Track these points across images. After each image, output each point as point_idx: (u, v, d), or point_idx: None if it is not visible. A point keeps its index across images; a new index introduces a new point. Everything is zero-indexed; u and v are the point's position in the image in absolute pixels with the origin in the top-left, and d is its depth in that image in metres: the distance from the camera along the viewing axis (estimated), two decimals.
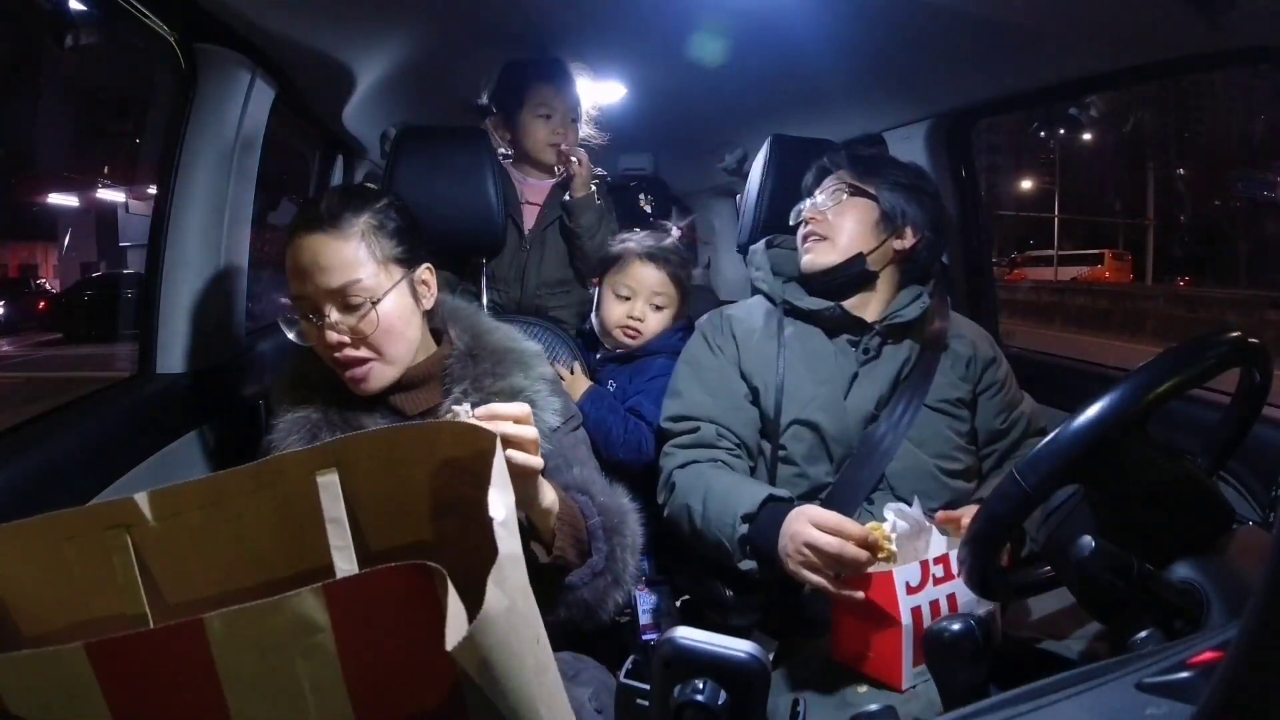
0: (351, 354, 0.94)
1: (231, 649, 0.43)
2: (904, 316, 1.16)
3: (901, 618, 0.89)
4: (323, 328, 0.93)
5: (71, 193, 15.16)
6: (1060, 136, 21.86)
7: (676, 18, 1.43)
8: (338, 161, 2.36)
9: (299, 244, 0.93)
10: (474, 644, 0.41)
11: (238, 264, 1.36)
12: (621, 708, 0.66)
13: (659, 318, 1.47)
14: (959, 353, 1.19)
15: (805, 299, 1.20)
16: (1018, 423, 1.19)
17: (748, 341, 1.20)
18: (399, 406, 0.99)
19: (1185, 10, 1.04)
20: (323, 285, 0.92)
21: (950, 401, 1.16)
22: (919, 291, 1.19)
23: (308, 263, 0.92)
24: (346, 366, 0.95)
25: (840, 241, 1.18)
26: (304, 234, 0.92)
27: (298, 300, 0.95)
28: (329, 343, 0.93)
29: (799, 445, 1.14)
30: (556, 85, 1.64)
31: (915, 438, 1.12)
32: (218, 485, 0.56)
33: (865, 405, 1.14)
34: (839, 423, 1.13)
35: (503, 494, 0.51)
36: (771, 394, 1.16)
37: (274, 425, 0.96)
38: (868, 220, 1.18)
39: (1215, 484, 0.81)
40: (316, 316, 0.93)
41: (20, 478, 0.86)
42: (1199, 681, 0.44)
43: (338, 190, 1.15)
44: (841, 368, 1.16)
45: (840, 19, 1.33)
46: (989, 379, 1.20)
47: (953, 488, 1.13)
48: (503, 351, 1.01)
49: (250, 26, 1.22)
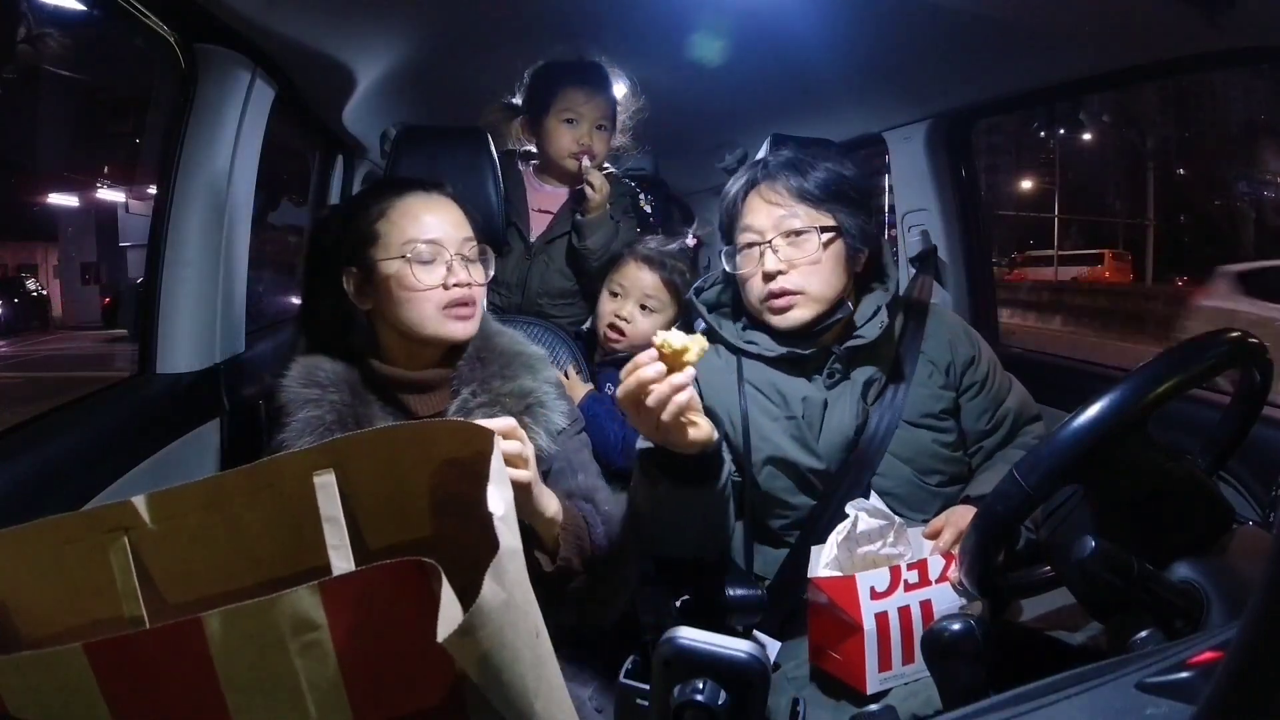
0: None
1: (229, 647, 0.44)
2: (864, 338, 1.07)
3: (864, 622, 0.89)
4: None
5: (71, 193, 15.16)
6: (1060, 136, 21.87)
7: (676, 18, 1.43)
8: (338, 161, 2.36)
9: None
10: (469, 636, 0.41)
11: (238, 264, 1.37)
12: (621, 708, 0.66)
13: (648, 321, 1.46)
14: (936, 361, 1.12)
15: (776, 347, 1.09)
16: (1004, 420, 1.15)
17: (709, 379, 1.10)
18: (411, 407, 0.99)
19: (1185, 10, 1.04)
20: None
21: (933, 415, 1.10)
22: (877, 305, 1.09)
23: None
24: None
25: (817, 291, 1.05)
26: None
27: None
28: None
29: (777, 482, 1.08)
30: (588, 90, 1.57)
31: (897, 452, 1.07)
32: (216, 487, 0.56)
33: (844, 431, 1.07)
34: (815, 456, 1.07)
35: (501, 490, 0.51)
36: (739, 434, 1.08)
37: (286, 424, 0.95)
38: (840, 260, 1.06)
39: (1215, 484, 0.81)
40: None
41: (21, 478, 0.86)
42: (1199, 681, 0.44)
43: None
44: (810, 399, 1.08)
45: (840, 19, 1.33)
46: (969, 380, 1.14)
47: (944, 494, 1.10)
48: (511, 354, 1.02)
49: (250, 26, 1.22)
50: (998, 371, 1.18)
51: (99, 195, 15.28)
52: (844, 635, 0.91)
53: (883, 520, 0.97)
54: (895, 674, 0.90)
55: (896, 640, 0.90)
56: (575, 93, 1.57)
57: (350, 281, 0.99)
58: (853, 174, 1.10)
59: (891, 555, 0.96)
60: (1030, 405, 1.20)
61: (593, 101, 1.58)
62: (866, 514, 0.97)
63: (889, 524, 0.97)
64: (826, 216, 1.06)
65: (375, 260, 0.97)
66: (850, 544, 0.96)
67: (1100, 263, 18.98)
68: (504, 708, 0.45)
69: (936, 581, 0.92)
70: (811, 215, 1.06)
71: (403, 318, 0.97)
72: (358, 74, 1.60)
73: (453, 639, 0.40)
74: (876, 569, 0.92)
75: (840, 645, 0.93)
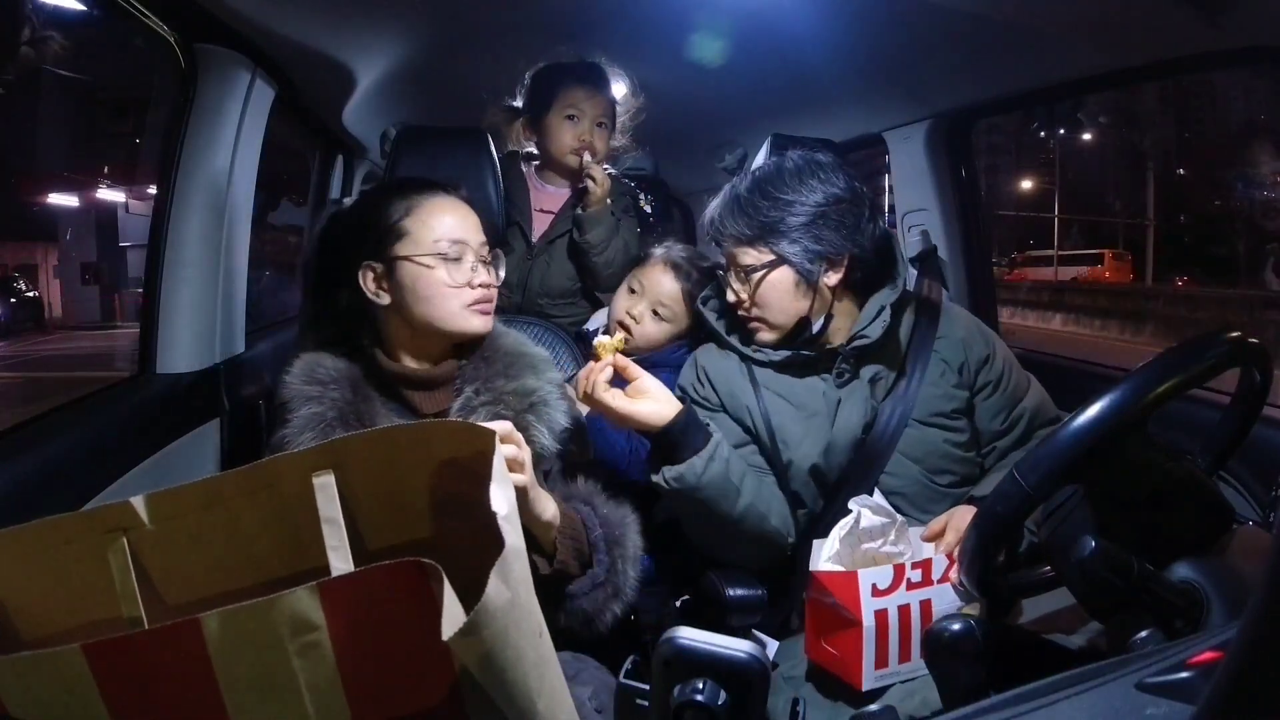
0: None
1: (228, 648, 0.43)
2: (868, 337, 1.09)
3: (863, 619, 0.89)
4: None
5: (71, 193, 15.14)
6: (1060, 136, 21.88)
7: (677, 18, 1.43)
8: (338, 161, 2.36)
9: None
10: (473, 636, 0.41)
11: (238, 264, 1.36)
12: (621, 708, 0.66)
13: (657, 328, 1.45)
14: (950, 360, 1.13)
15: (779, 351, 1.14)
16: (1020, 420, 1.14)
17: (727, 388, 1.15)
18: (415, 404, 1.00)
19: (1185, 10, 1.04)
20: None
21: (944, 415, 1.10)
22: (881, 305, 1.11)
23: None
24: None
25: (774, 319, 1.12)
26: None
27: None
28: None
29: (795, 483, 1.11)
30: (588, 88, 1.60)
31: (907, 451, 1.08)
32: (215, 487, 0.56)
33: (852, 429, 1.10)
34: (829, 454, 1.10)
35: (503, 490, 0.51)
36: (765, 436, 1.12)
37: (288, 421, 0.95)
38: (790, 288, 1.10)
39: (1215, 484, 0.81)
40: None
41: (21, 477, 0.86)
42: (1199, 681, 0.44)
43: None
44: (826, 396, 1.12)
45: (840, 19, 1.33)
46: (984, 379, 1.14)
47: (954, 495, 1.10)
48: (515, 355, 1.03)
49: (250, 26, 1.23)
50: (1014, 371, 1.17)
51: (99, 195, 15.26)
52: (842, 630, 0.91)
53: (885, 518, 0.97)
54: (891, 672, 0.90)
55: (894, 638, 0.90)
56: (576, 90, 1.59)
57: (369, 277, 0.99)
58: (807, 198, 1.08)
59: (892, 554, 0.96)
60: (1049, 407, 1.19)
61: (593, 99, 1.60)
62: (869, 511, 0.96)
63: (891, 522, 0.97)
64: (767, 252, 1.10)
65: (399, 256, 0.98)
66: (853, 539, 0.96)
67: (1100, 263, 19.00)
68: (507, 707, 0.45)
69: (939, 581, 0.92)
70: (753, 254, 1.11)
71: (426, 313, 0.98)
72: (358, 74, 1.60)
73: (457, 638, 0.40)
74: (877, 566, 0.92)
75: (838, 640, 0.93)
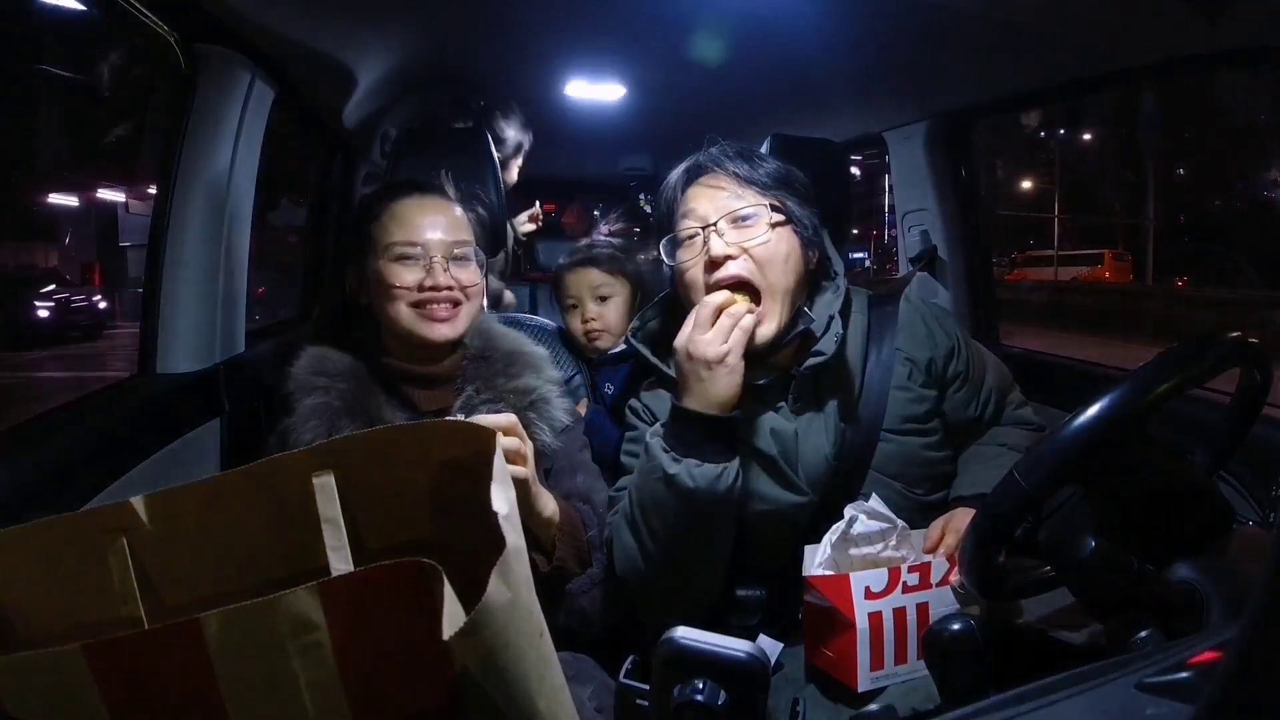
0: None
1: (228, 648, 0.43)
2: (823, 353, 0.96)
3: (857, 621, 0.88)
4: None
5: (71, 193, 15.13)
6: (1060, 136, 21.86)
7: (677, 18, 1.43)
8: (338, 161, 2.35)
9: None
10: (474, 635, 0.41)
11: (238, 264, 1.36)
12: (621, 708, 0.66)
13: (613, 307, 1.49)
14: (916, 358, 1.03)
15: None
16: (989, 401, 1.09)
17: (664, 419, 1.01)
18: (416, 401, 1.02)
19: (1185, 10, 1.04)
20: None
21: (916, 420, 1.02)
22: (829, 313, 0.99)
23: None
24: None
25: (773, 281, 0.94)
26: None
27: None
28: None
29: (756, 520, 1.00)
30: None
31: (883, 468, 1.01)
32: (214, 488, 0.56)
33: (818, 457, 1.00)
34: (795, 489, 1.00)
35: (504, 489, 0.51)
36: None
37: (293, 409, 0.97)
38: (794, 250, 0.96)
39: (1215, 484, 0.81)
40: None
41: (21, 477, 0.86)
42: (1199, 681, 0.44)
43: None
44: (780, 430, 0.99)
45: (840, 19, 1.34)
46: (953, 372, 1.06)
47: (937, 507, 1.04)
48: (515, 354, 1.04)
49: (250, 26, 1.22)
50: (975, 353, 1.11)
51: (99, 195, 15.24)
52: (837, 633, 0.91)
53: (884, 523, 0.95)
54: (888, 673, 0.90)
55: (890, 640, 0.90)
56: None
57: (350, 279, 1.05)
58: (800, 173, 1.03)
59: (894, 559, 0.94)
60: (1005, 374, 1.15)
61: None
62: (865, 515, 0.96)
63: (890, 527, 0.95)
64: (774, 201, 0.97)
65: (363, 260, 1.02)
66: (845, 545, 0.94)
67: (1100, 263, 18.99)
68: (507, 707, 0.44)
69: (937, 585, 0.92)
70: (758, 199, 0.96)
71: (386, 315, 1.01)
72: (358, 74, 1.59)
73: (457, 638, 0.40)
74: (875, 570, 0.92)
75: (833, 642, 0.92)
